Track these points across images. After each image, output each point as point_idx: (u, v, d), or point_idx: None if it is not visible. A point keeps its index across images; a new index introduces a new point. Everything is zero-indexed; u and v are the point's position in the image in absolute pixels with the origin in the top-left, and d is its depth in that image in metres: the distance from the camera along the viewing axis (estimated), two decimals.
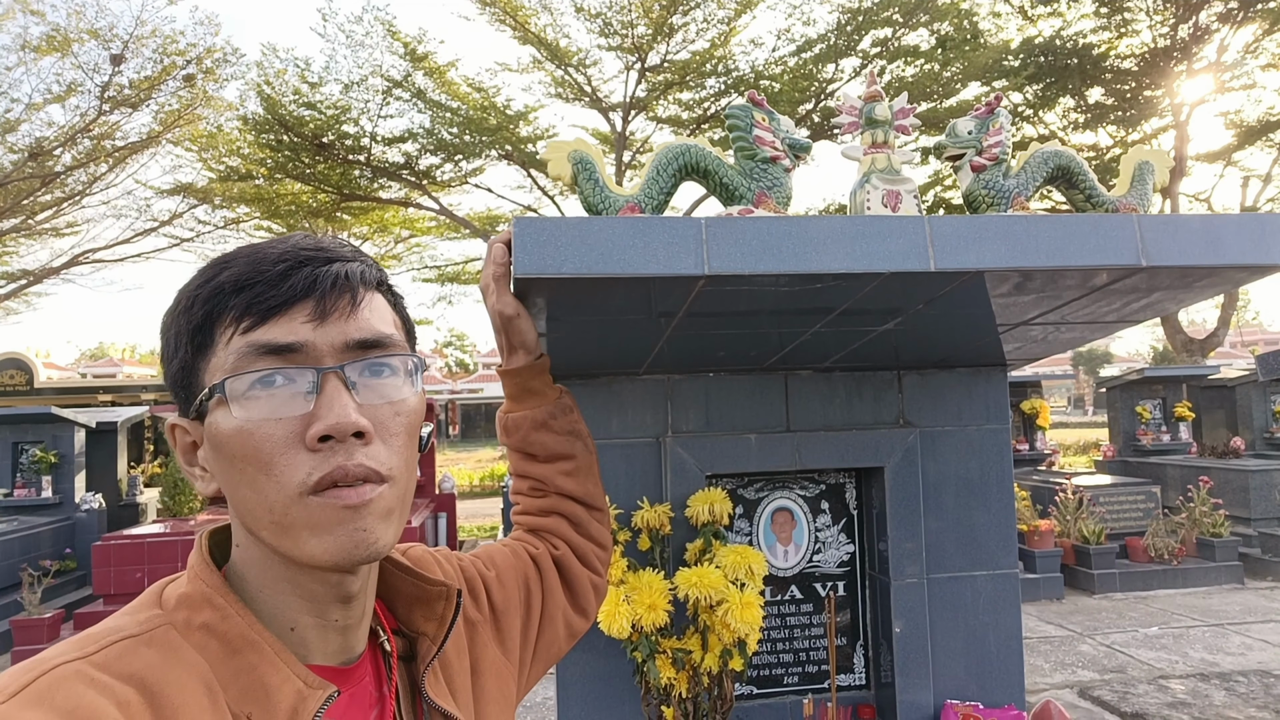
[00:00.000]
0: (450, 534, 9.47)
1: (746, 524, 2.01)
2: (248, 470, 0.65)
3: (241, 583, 0.70)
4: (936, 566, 1.99)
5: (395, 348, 0.72)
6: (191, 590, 0.68)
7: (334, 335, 0.68)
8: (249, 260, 0.69)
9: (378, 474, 0.67)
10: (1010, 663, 1.99)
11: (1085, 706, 5.25)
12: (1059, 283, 1.31)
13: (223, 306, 0.67)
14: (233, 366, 0.66)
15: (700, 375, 1.96)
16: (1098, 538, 7.77)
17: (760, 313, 1.41)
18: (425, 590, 0.81)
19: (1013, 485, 2.02)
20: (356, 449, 0.66)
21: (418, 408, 0.73)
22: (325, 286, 0.68)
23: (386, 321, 0.73)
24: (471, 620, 0.92)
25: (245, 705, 0.63)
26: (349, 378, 0.67)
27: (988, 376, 2.03)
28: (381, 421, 0.69)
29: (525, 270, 1.09)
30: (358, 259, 0.73)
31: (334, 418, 0.65)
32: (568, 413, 1.13)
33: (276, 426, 0.65)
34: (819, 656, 2.02)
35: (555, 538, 1.11)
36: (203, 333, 0.67)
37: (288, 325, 0.67)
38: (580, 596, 1.09)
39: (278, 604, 0.69)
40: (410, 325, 0.80)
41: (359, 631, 0.74)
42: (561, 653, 1.08)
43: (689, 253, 1.14)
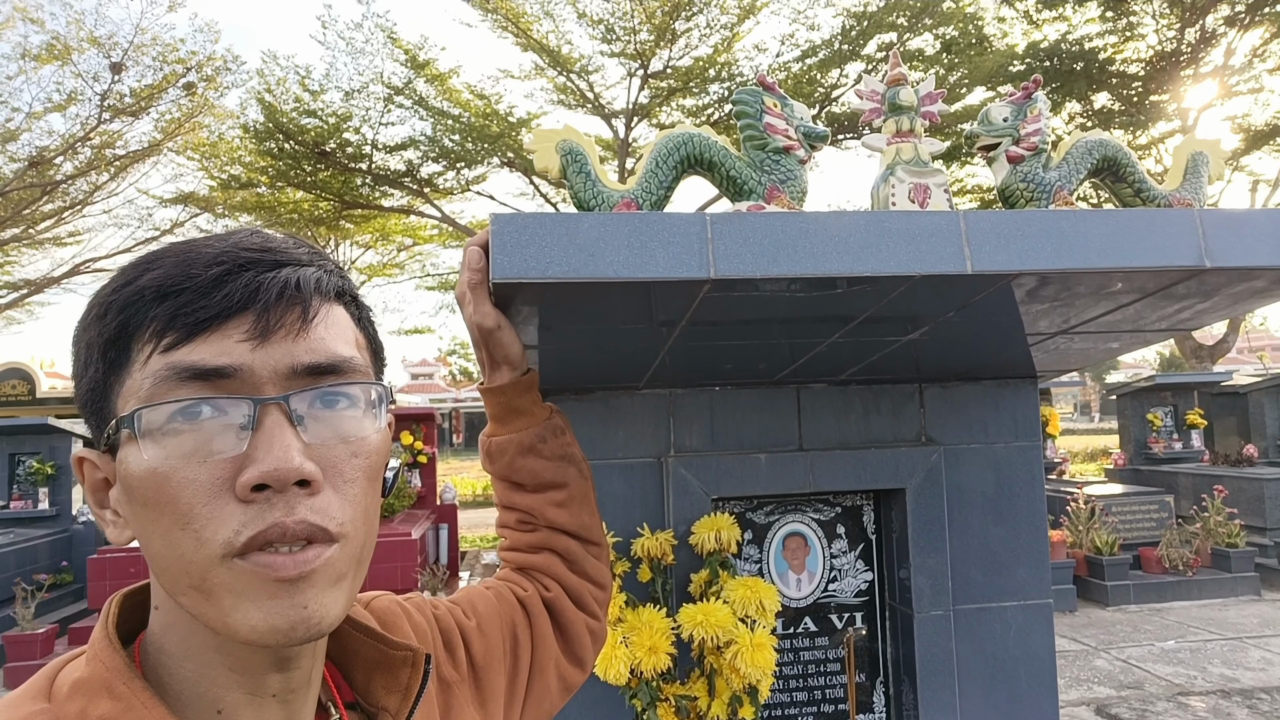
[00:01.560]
0: (452, 545, 9.34)
1: (756, 550, 1.86)
2: (162, 522, 0.52)
3: (160, 655, 0.57)
4: (963, 597, 1.83)
5: (355, 374, 0.59)
6: (89, 675, 0.55)
7: (278, 358, 0.55)
8: (178, 261, 0.56)
9: (325, 532, 0.54)
10: (1043, 700, 1.84)
11: None
12: (1107, 287, 1.17)
13: (141, 317, 0.54)
14: (149, 393, 0.53)
15: (705, 389, 1.81)
16: (1110, 548, 7.63)
17: (771, 321, 1.27)
18: (387, 655, 0.68)
19: (1044, 507, 1.87)
20: (299, 500, 0.53)
21: (380, 447, 0.60)
22: (269, 297, 0.55)
23: (346, 341, 0.60)
24: (446, 680, 0.79)
25: None
26: (294, 410, 0.55)
27: (1016, 389, 1.88)
28: (334, 464, 0.56)
29: (505, 274, 0.95)
30: (314, 263, 0.60)
31: (271, 462, 0.52)
32: (559, 435, 0.99)
33: (199, 470, 0.52)
34: (835, 695, 1.87)
35: (546, 577, 0.98)
36: (116, 348, 0.54)
37: (220, 344, 0.54)
38: (575, 644, 0.97)
39: (203, 678, 0.56)
40: (378, 345, 0.66)
41: (304, 705, 0.61)
42: (555, 709, 0.94)
43: (692, 253, 1.00)
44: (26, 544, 7.77)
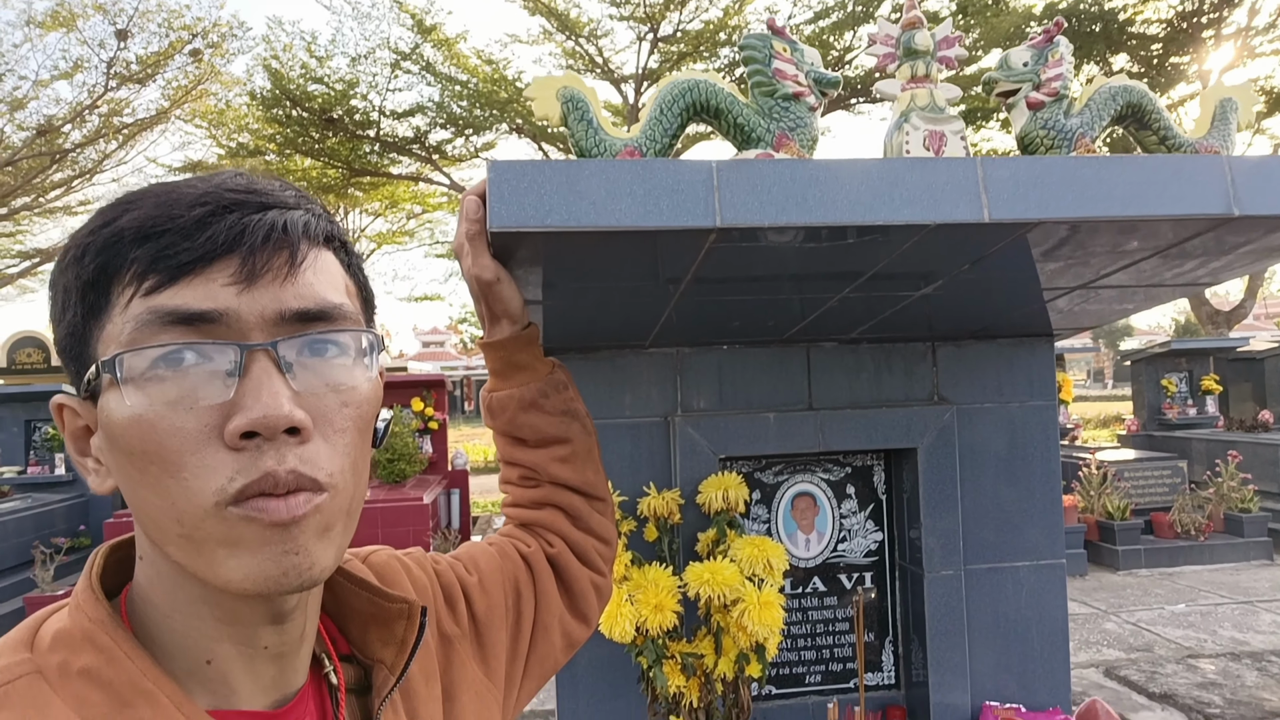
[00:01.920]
0: (464, 510, 9.41)
1: (764, 510, 1.85)
2: (150, 470, 0.50)
3: (146, 606, 0.56)
4: (974, 557, 1.81)
5: (345, 321, 0.57)
6: (72, 626, 0.53)
7: (265, 303, 0.53)
8: (159, 201, 0.53)
9: (315, 482, 0.52)
10: (1055, 661, 1.83)
11: (1112, 687, 5.10)
12: (1129, 237, 1.13)
13: (121, 259, 0.51)
14: (130, 338, 0.50)
15: (713, 348, 1.78)
16: (1122, 513, 7.61)
17: (780, 277, 1.24)
18: (382, 608, 0.67)
19: (1059, 468, 1.84)
20: (289, 449, 0.51)
21: (371, 396, 0.58)
22: (255, 239, 0.52)
23: (336, 287, 0.57)
24: (447, 635, 0.78)
25: None
26: (283, 357, 0.53)
27: (1031, 348, 1.84)
28: (324, 414, 0.54)
29: (503, 223, 0.92)
30: (301, 206, 0.57)
31: (260, 409, 0.50)
32: (561, 390, 0.97)
33: (186, 417, 0.50)
34: (844, 654, 1.86)
35: (550, 533, 0.96)
36: (95, 291, 0.52)
37: (204, 288, 0.51)
38: (580, 600, 0.95)
39: (191, 630, 0.54)
40: (368, 293, 0.64)
41: (297, 658, 0.60)
42: (558, 665, 0.92)
43: (698, 201, 0.96)
44: (44, 508, 7.87)
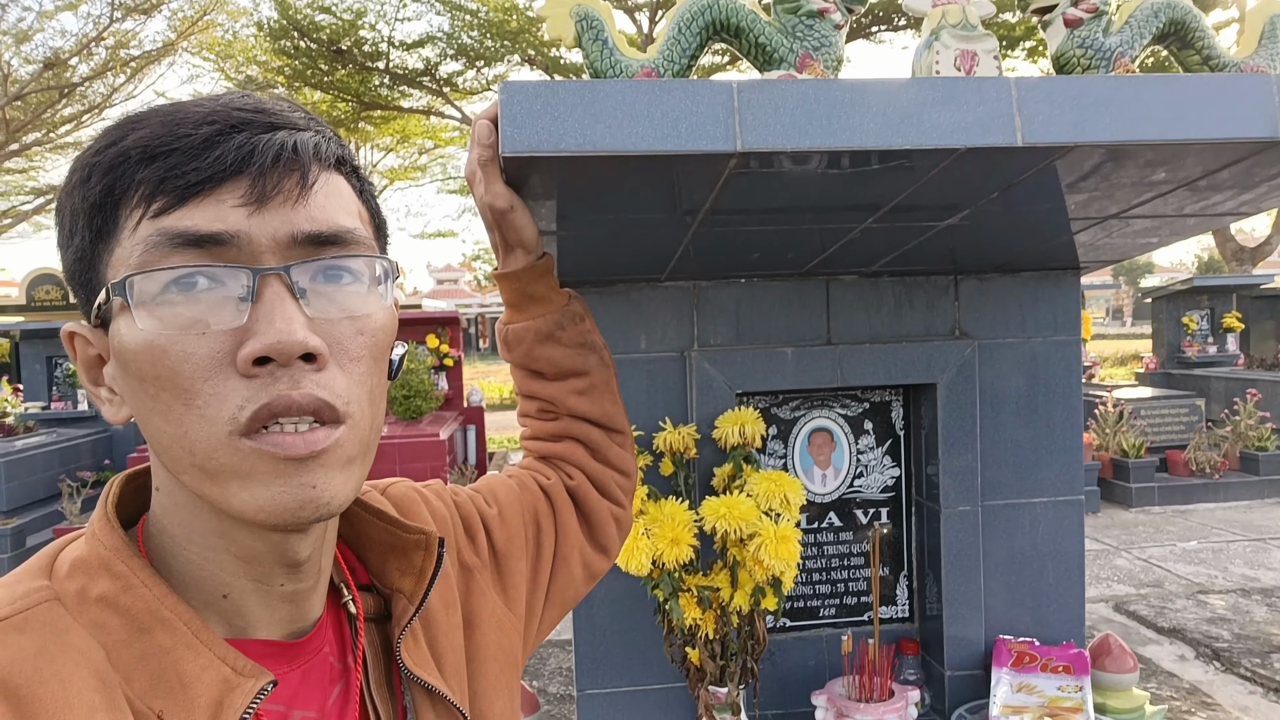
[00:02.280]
0: (480, 446, 9.52)
1: (780, 446, 1.84)
2: (162, 398, 0.50)
3: (162, 536, 0.56)
4: (992, 493, 1.80)
5: (358, 246, 0.56)
6: (88, 553, 0.53)
7: (276, 226, 0.51)
8: (165, 120, 0.51)
9: (332, 409, 0.51)
10: (1070, 597, 1.83)
11: (1120, 621, 5.17)
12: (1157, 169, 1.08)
13: (128, 180, 0.50)
14: (140, 261, 0.50)
15: (731, 281, 1.75)
16: (1137, 451, 7.60)
17: (801, 208, 1.20)
18: (400, 539, 0.66)
19: (1080, 403, 1.81)
20: (305, 375, 0.50)
21: (387, 325, 0.57)
22: (265, 160, 0.51)
23: (348, 212, 0.56)
24: (468, 566, 0.78)
25: (155, 699, 0.49)
26: (296, 282, 0.51)
27: (1057, 281, 1.80)
28: (339, 342, 0.53)
29: (515, 148, 0.88)
30: (311, 127, 0.55)
31: (274, 334, 0.49)
32: (578, 321, 0.95)
33: (198, 343, 0.49)
34: (859, 588, 1.87)
35: (569, 466, 0.95)
36: (103, 214, 0.50)
37: (213, 209, 0.50)
38: (599, 532, 0.95)
39: (207, 562, 0.54)
40: (381, 220, 0.62)
41: (313, 596, 0.60)
42: (579, 596, 0.93)
43: (717, 123, 0.92)
44: (69, 443, 8.03)
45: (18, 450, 7.28)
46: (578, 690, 1.75)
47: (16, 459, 7.12)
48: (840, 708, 1.58)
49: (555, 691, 4.23)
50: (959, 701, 1.75)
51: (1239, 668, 4.30)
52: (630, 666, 1.76)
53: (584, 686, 1.76)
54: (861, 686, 1.61)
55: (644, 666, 1.76)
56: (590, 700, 1.75)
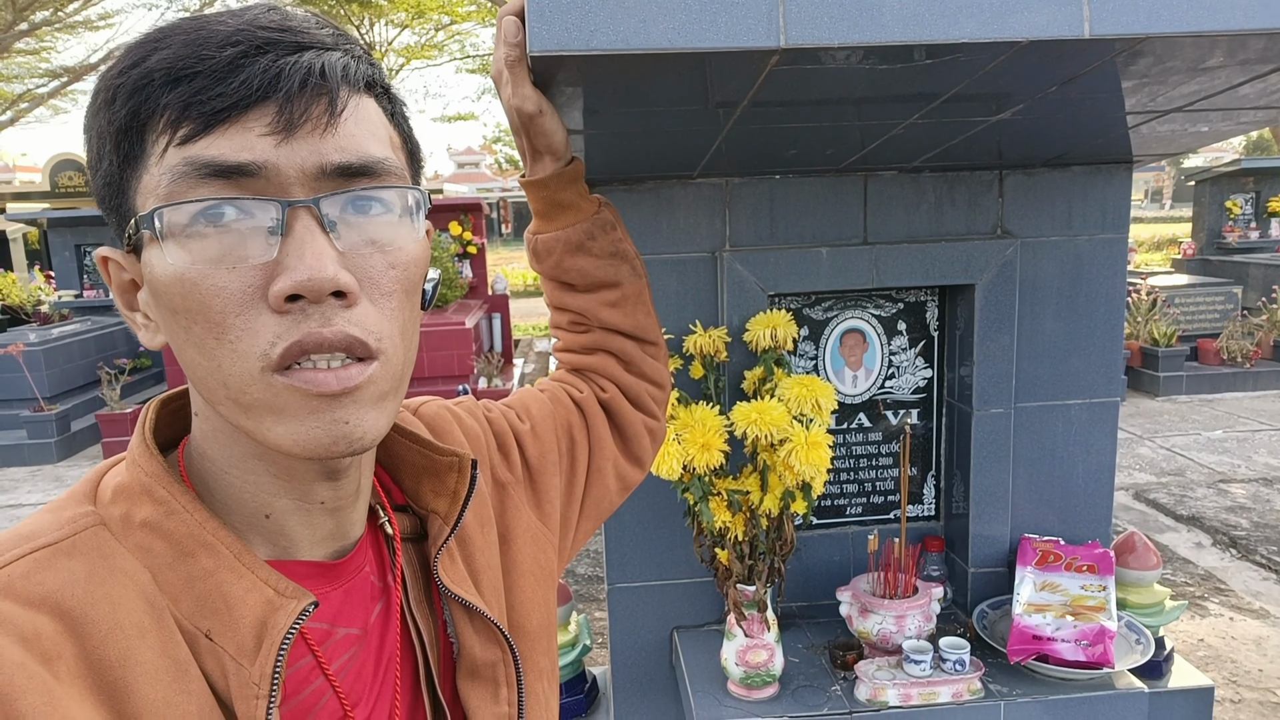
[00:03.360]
0: (505, 333, 9.58)
1: (812, 347, 1.81)
2: (194, 330, 0.49)
3: (204, 461, 0.56)
4: (1026, 395, 1.78)
5: (390, 176, 0.54)
6: (130, 480, 0.54)
7: (304, 155, 0.50)
8: (188, 40, 0.49)
9: (364, 345, 0.50)
10: (1098, 498, 1.83)
11: (1139, 509, 5.23)
12: (1247, 53, 0.99)
13: (153, 105, 0.48)
14: (168, 192, 0.48)
15: (764, 178, 1.68)
16: (1168, 340, 7.50)
17: (844, 102, 1.13)
18: (434, 461, 0.67)
19: (1124, 304, 1.76)
20: (336, 312, 0.50)
21: (419, 257, 0.56)
22: (292, 85, 0.49)
23: (379, 139, 0.54)
24: (501, 482, 0.78)
25: (202, 620, 0.51)
26: (326, 215, 0.50)
27: (1109, 176, 1.71)
28: (371, 276, 0.52)
29: (544, 46, 0.82)
30: (340, 47, 0.53)
31: (305, 270, 0.48)
32: (609, 230, 0.92)
33: (229, 277, 0.48)
34: (885, 487, 1.88)
35: (602, 378, 0.95)
36: (129, 139, 0.50)
37: (240, 138, 0.48)
38: (633, 443, 0.94)
39: (248, 485, 0.55)
40: (414, 146, 0.60)
41: (354, 512, 0.60)
42: (614, 507, 0.93)
43: (759, 18, 0.85)
44: (104, 331, 8.17)
45: (55, 338, 7.43)
46: (608, 584, 1.80)
47: (55, 346, 7.28)
48: (864, 603, 1.62)
49: (583, 573, 4.40)
50: (981, 598, 1.79)
51: (1255, 555, 4.36)
52: (660, 561, 1.80)
53: (614, 580, 1.81)
54: (886, 583, 1.64)
55: (673, 561, 1.80)
56: (620, 594, 1.81)
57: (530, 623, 0.73)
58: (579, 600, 4.03)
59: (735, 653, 1.53)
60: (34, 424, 6.76)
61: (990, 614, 1.75)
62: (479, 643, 0.65)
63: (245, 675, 0.49)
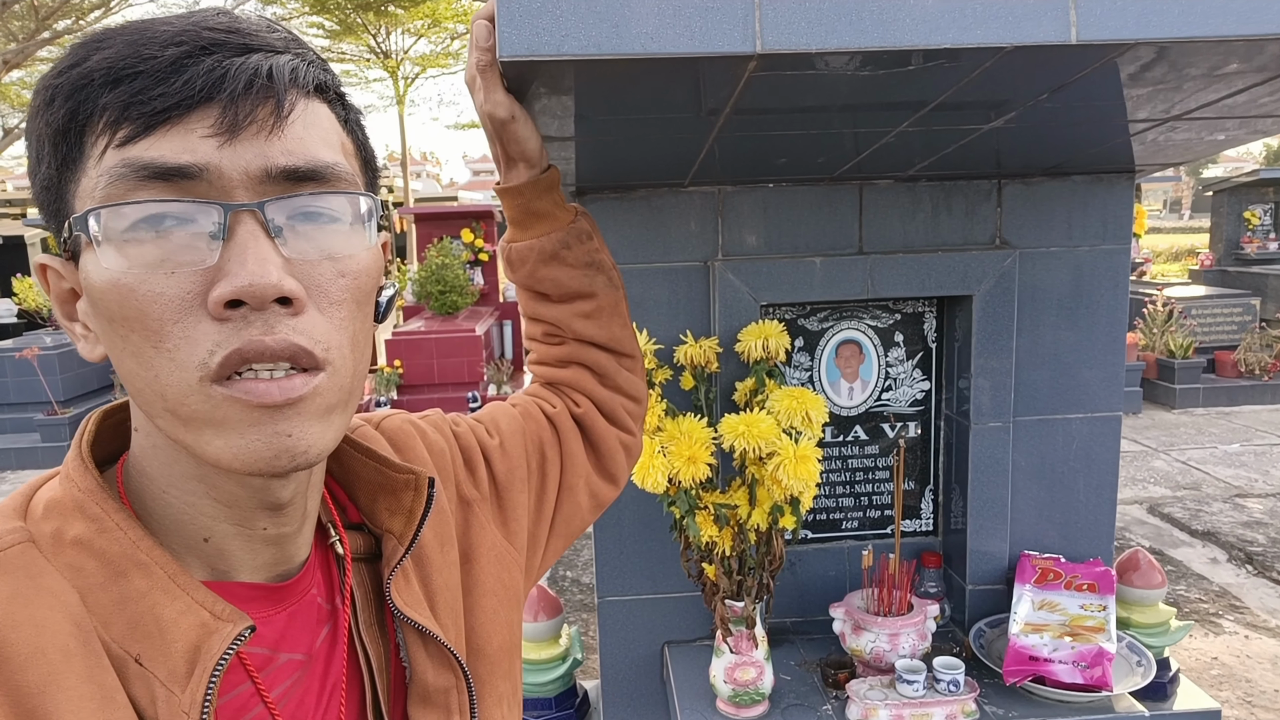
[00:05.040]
0: (516, 341, 9.60)
1: (807, 358, 1.78)
2: (132, 339, 0.48)
3: (142, 479, 0.54)
4: (1026, 408, 1.74)
5: (340, 182, 0.52)
6: (62, 495, 0.52)
7: (249, 158, 0.48)
8: (130, 40, 0.48)
9: (310, 355, 0.48)
10: (1100, 514, 1.79)
11: (1154, 523, 5.16)
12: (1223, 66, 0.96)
13: (91, 105, 0.47)
14: (105, 194, 0.47)
15: (758, 186, 1.66)
16: (1185, 352, 7.41)
17: (830, 109, 1.11)
18: (390, 478, 0.65)
19: (1125, 316, 1.72)
20: (280, 320, 0.48)
21: (371, 266, 0.53)
22: (237, 86, 0.47)
23: (329, 144, 0.52)
24: (466, 499, 0.76)
25: (132, 644, 0.49)
26: (271, 220, 0.48)
27: (1109, 185, 1.68)
28: (318, 284, 0.50)
29: (514, 51, 0.81)
30: (290, 50, 0.51)
31: (246, 276, 0.46)
32: (584, 240, 0.90)
33: (167, 283, 0.47)
34: (882, 501, 1.85)
35: (575, 392, 0.93)
36: (67, 141, 0.49)
37: (181, 139, 0.47)
38: (607, 460, 0.93)
39: (187, 507, 0.53)
40: (369, 154, 0.59)
41: (298, 539, 0.58)
42: (585, 524, 0.91)
43: (734, 23, 0.83)
44: None
45: (69, 343, 7.50)
46: (598, 597, 1.78)
47: (70, 351, 7.34)
48: (858, 620, 1.59)
49: (588, 582, 4.37)
50: (979, 615, 1.75)
51: (1271, 571, 4.28)
52: (650, 575, 1.77)
53: (604, 593, 1.78)
54: (880, 600, 1.61)
55: (664, 574, 1.77)
56: (610, 606, 1.78)
57: (491, 645, 0.71)
58: (581, 610, 4.00)
59: (724, 670, 1.50)
60: (48, 427, 6.82)
61: (988, 633, 1.71)
62: (431, 667, 0.63)
63: (175, 703, 0.48)
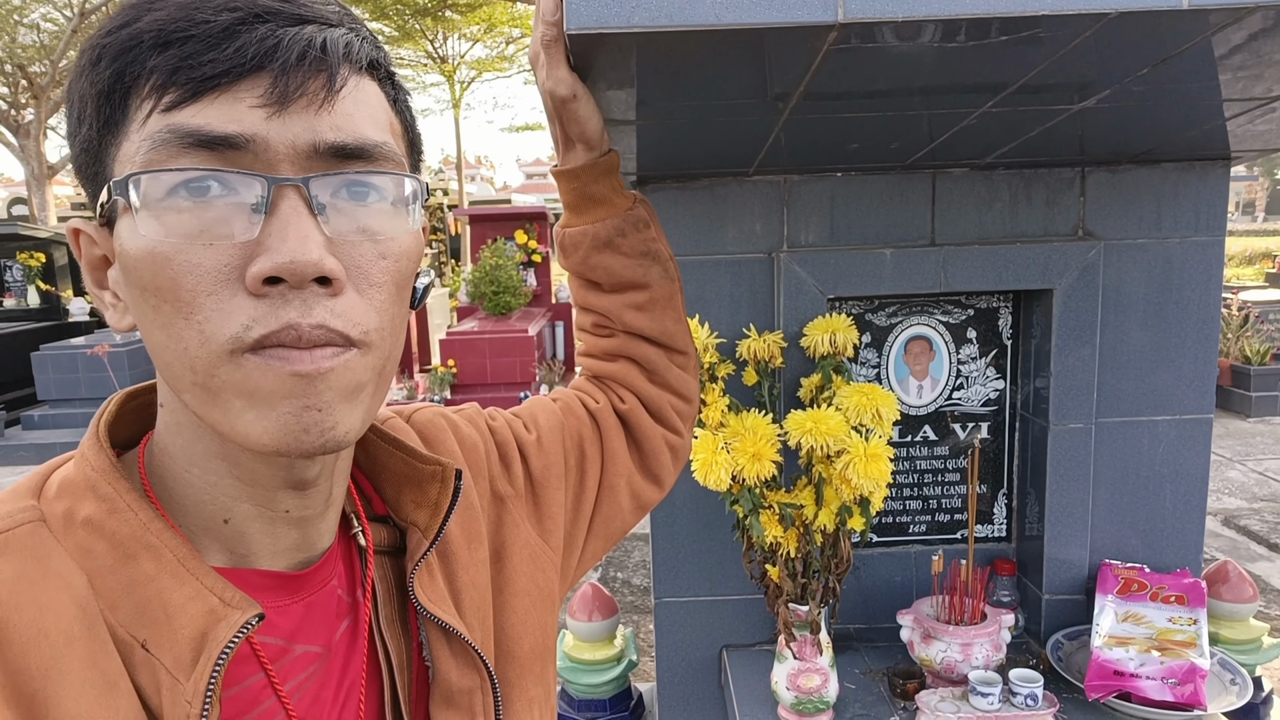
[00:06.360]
0: (568, 342, 9.64)
1: (874, 355, 1.72)
2: (163, 309, 0.46)
3: (164, 457, 0.53)
4: (1108, 409, 1.65)
5: (387, 162, 0.51)
6: (75, 474, 0.51)
7: (297, 131, 0.47)
8: (183, 3, 0.46)
9: (346, 338, 0.47)
10: (1189, 523, 1.69)
11: (1229, 535, 4.96)
12: None
13: (139, 67, 0.46)
14: (147, 159, 0.45)
15: (825, 175, 1.60)
16: (1262, 358, 7.11)
17: (908, 91, 1.05)
18: (416, 469, 0.63)
19: (1219, 312, 1.62)
20: (318, 301, 0.46)
21: (412, 250, 0.53)
22: (290, 57, 0.46)
23: (378, 123, 0.51)
24: (500, 495, 0.74)
25: (139, 629, 0.47)
26: (315, 197, 0.47)
27: (1202, 174, 1.58)
28: (359, 265, 0.49)
29: (582, 24, 0.77)
30: (344, 24, 0.49)
31: (287, 253, 0.45)
32: (641, 228, 0.87)
33: (205, 254, 0.45)
34: (952, 505, 1.77)
35: (621, 388, 0.90)
36: (111, 102, 0.47)
37: (229, 108, 0.45)
38: (651, 460, 0.89)
39: (208, 486, 0.51)
40: (414, 135, 0.57)
41: (321, 523, 0.56)
42: (627, 527, 0.87)
43: None
44: None
45: (138, 340, 7.73)
46: (655, 598, 1.74)
47: (139, 348, 7.57)
48: (927, 628, 1.51)
49: (639, 584, 4.34)
50: (1056, 627, 1.66)
51: None
52: (708, 576, 1.72)
53: (661, 594, 1.74)
54: (951, 608, 1.53)
55: (723, 576, 1.72)
56: (667, 608, 1.74)
57: (521, 648, 0.68)
58: (633, 612, 3.97)
59: (786, 676, 1.45)
60: None
61: (1066, 645, 1.63)
62: (455, 668, 0.60)
63: (179, 691, 0.46)
